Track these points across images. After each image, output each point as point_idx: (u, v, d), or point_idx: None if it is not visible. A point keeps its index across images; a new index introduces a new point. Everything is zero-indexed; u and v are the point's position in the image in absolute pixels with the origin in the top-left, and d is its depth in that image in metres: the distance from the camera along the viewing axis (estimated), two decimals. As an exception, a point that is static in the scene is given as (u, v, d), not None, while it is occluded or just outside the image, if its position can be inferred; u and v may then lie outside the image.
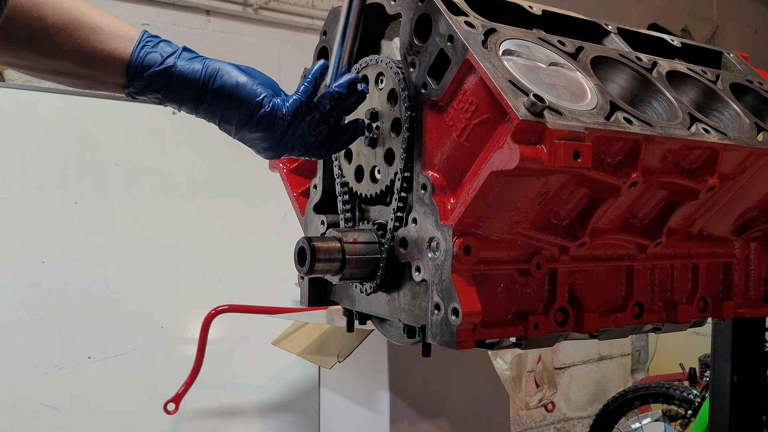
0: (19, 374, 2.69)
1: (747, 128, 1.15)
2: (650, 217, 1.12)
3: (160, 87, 0.95)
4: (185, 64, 0.95)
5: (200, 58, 0.97)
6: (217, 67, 0.96)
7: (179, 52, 0.96)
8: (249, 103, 0.95)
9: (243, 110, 0.96)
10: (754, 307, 1.30)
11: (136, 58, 0.94)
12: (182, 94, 0.96)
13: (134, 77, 0.95)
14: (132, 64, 0.94)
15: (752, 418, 1.66)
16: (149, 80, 0.95)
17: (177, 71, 0.95)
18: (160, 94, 0.96)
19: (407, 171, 1.02)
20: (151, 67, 0.94)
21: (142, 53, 0.94)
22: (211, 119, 0.99)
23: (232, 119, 0.97)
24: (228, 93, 0.95)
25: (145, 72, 0.94)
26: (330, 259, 1.03)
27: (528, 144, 0.85)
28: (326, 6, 3.39)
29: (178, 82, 0.95)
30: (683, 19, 5.18)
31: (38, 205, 2.76)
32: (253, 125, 0.96)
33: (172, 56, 0.95)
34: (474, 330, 0.93)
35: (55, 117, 2.82)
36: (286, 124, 0.97)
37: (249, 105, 0.95)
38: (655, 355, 4.74)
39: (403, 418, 2.36)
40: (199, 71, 0.95)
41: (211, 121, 0.99)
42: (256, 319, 2.92)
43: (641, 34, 1.30)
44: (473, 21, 0.97)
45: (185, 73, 0.95)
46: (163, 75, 0.95)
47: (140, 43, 0.95)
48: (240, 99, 0.95)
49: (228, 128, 0.99)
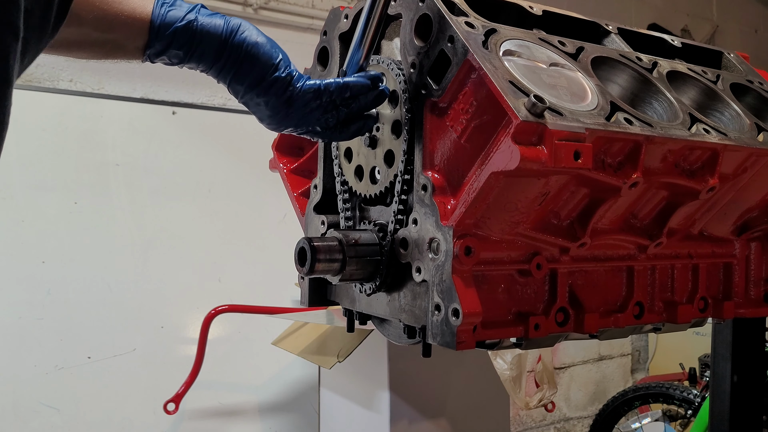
0: (19, 374, 2.69)
1: (747, 128, 1.15)
2: (650, 217, 1.12)
3: (183, 43, 0.94)
4: (207, 19, 0.94)
5: (219, 14, 0.96)
6: (239, 23, 0.95)
7: (198, 7, 0.96)
8: (265, 63, 0.94)
9: (257, 69, 0.95)
10: (754, 307, 1.30)
11: (158, 16, 0.93)
12: (204, 49, 0.94)
13: (157, 36, 0.93)
14: (155, 23, 0.93)
15: (752, 418, 1.66)
16: (172, 37, 0.93)
17: (199, 25, 0.94)
18: (182, 51, 0.95)
19: (407, 174, 1.02)
20: (173, 23, 0.93)
21: (163, 11, 0.93)
22: (223, 78, 0.97)
23: (245, 78, 0.95)
24: (246, 49, 0.94)
25: (168, 29, 0.93)
26: (330, 259, 1.03)
27: (528, 145, 0.84)
28: (326, 6, 3.39)
29: (200, 38, 0.94)
30: (683, 19, 5.18)
31: (38, 205, 2.76)
32: (264, 88, 0.95)
33: (192, 11, 0.95)
34: (474, 330, 0.93)
35: (55, 117, 2.82)
36: (295, 97, 0.96)
37: (265, 65, 0.94)
38: (655, 355, 4.74)
39: (403, 418, 2.36)
40: (221, 26, 0.94)
41: (221, 81, 0.98)
42: (256, 319, 2.92)
43: (641, 35, 1.30)
44: (474, 21, 0.97)
45: (208, 27, 0.94)
46: (186, 30, 0.93)
47: (159, 1, 0.94)
48: (257, 57, 0.94)
49: (237, 89, 0.98)
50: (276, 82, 0.95)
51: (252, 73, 0.95)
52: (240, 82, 0.96)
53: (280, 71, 0.95)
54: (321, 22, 1.53)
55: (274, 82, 0.95)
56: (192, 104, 3.07)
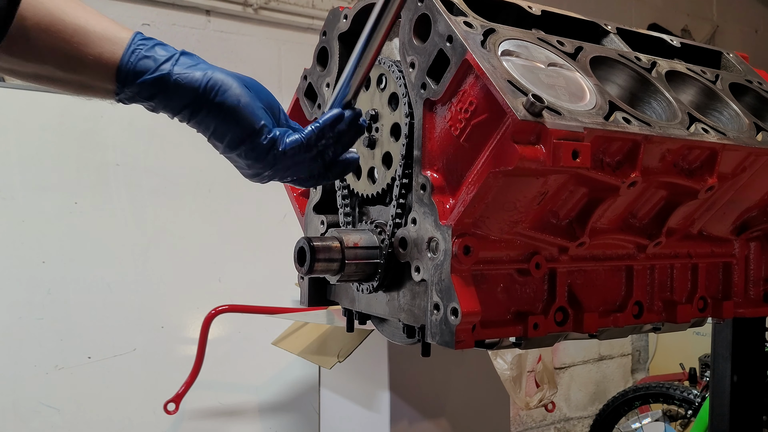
0: (19, 374, 2.69)
1: (746, 128, 1.15)
2: (649, 216, 1.12)
3: (153, 95, 0.88)
4: (183, 72, 0.87)
5: (200, 66, 0.89)
6: (219, 80, 0.88)
7: (177, 57, 0.88)
8: (246, 127, 0.88)
9: (237, 133, 0.89)
10: (753, 306, 1.30)
11: (127, 63, 0.86)
12: (177, 103, 0.88)
13: (125, 83, 0.87)
14: (122, 70, 0.86)
15: (752, 418, 1.66)
16: (141, 87, 0.87)
17: (173, 79, 0.87)
18: (153, 102, 0.89)
19: (405, 177, 1.02)
20: (143, 73, 0.86)
21: (133, 58, 0.86)
22: (202, 131, 0.92)
23: (224, 138, 0.90)
24: (226, 111, 0.88)
25: (138, 79, 0.86)
26: (330, 259, 1.03)
27: (527, 144, 0.85)
28: (326, 6, 3.39)
29: (174, 91, 0.87)
30: (683, 19, 5.18)
31: (38, 205, 2.76)
32: (244, 151, 0.90)
33: (168, 62, 0.87)
34: (473, 330, 0.93)
35: (55, 117, 2.82)
36: (279, 161, 0.91)
37: (245, 129, 0.88)
38: (655, 355, 4.74)
39: (403, 418, 2.36)
40: (199, 81, 0.87)
41: (201, 133, 0.93)
42: (256, 319, 2.92)
43: (641, 34, 1.30)
44: (472, 21, 0.98)
45: (182, 82, 0.87)
46: (158, 83, 0.87)
47: (131, 47, 0.87)
48: (237, 121, 0.88)
49: (216, 144, 0.92)
50: (257, 147, 0.89)
51: (231, 134, 0.89)
52: (219, 139, 0.90)
53: (261, 137, 0.89)
54: (321, 22, 1.54)
55: (254, 147, 0.89)
56: (192, 104, 3.06)
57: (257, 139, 0.89)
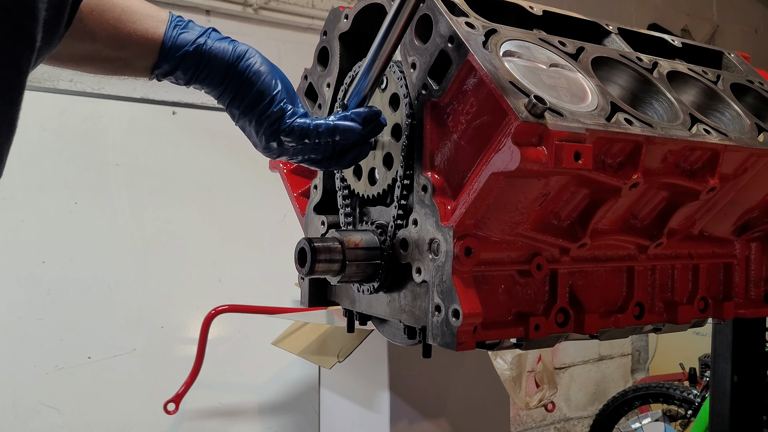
0: (19, 374, 2.69)
1: (748, 129, 1.15)
2: (651, 217, 1.12)
3: (190, 66, 0.96)
4: (216, 44, 0.96)
5: (229, 39, 0.98)
6: (245, 49, 0.97)
7: (210, 31, 0.98)
8: (261, 93, 0.96)
9: (252, 97, 0.96)
10: (754, 307, 1.30)
11: (170, 38, 0.95)
12: (209, 72, 0.97)
13: (166, 58, 0.96)
14: (165, 44, 0.95)
15: (752, 418, 1.66)
16: (181, 59, 0.96)
17: (208, 50, 0.96)
18: (189, 73, 0.97)
19: (407, 179, 1.01)
20: (184, 46, 0.95)
21: (175, 33, 0.95)
22: (223, 101, 0.99)
23: (240, 104, 0.97)
24: (247, 76, 0.96)
25: (178, 51, 0.95)
26: (330, 259, 1.02)
27: (529, 145, 0.84)
28: (326, 6, 3.39)
29: (207, 61, 0.96)
30: (683, 19, 5.18)
31: (38, 205, 2.76)
32: (255, 116, 0.97)
33: (203, 35, 0.97)
34: (474, 331, 0.93)
35: (55, 117, 2.82)
36: (284, 133, 0.97)
37: (260, 95, 0.96)
38: (655, 355, 4.74)
39: (403, 418, 2.36)
40: (228, 51, 0.96)
41: (221, 103, 1.00)
42: (256, 319, 2.92)
43: (642, 35, 1.29)
44: (474, 22, 0.97)
45: (215, 51, 0.96)
46: (195, 54, 0.96)
47: (172, 23, 0.96)
48: (254, 85, 0.96)
49: (233, 112, 0.99)
50: (266, 113, 0.97)
51: (246, 99, 0.97)
52: (236, 106, 0.98)
53: (273, 105, 0.96)
54: (321, 22, 1.54)
55: (264, 112, 0.97)
56: (192, 104, 3.07)
57: (270, 106, 0.96)
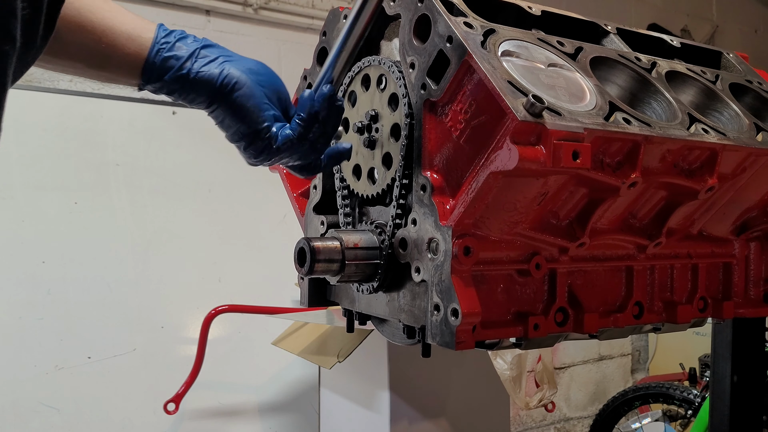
0: (19, 374, 2.69)
1: (746, 128, 1.15)
2: (649, 217, 1.12)
3: (175, 90, 0.96)
4: (203, 69, 0.94)
5: (218, 62, 0.95)
6: (234, 78, 0.95)
7: (197, 52, 0.95)
8: (249, 126, 0.96)
9: (242, 129, 0.96)
10: (753, 307, 1.30)
11: (152, 63, 0.93)
12: (195, 96, 0.96)
13: (149, 81, 0.95)
14: (147, 69, 0.93)
15: (752, 418, 1.66)
16: (164, 83, 0.95)
17: (192, 77, 0.94)
18: (174, 96, 0.97)
19: (406, 178, 1.02)
20: (166, 72, 0.94)
21: (158, 58, 0.93)
22: (213, 119, 1.00)
23: (229, 130, 0.98)
24: (235, 109, 0.95)
25: (162, 77, 0.94)
26: (330, 259, 1.03)
27: (527, 145, 0.85)
28: (326, 6, 3.39)
29: (192, 86, 0.94)
30: (683, 19, 5.18)
31: (38, 205, 2.76)
32: (243, 145, 0.98)
33: (188, 60, 0.94)
34: (474, 330, 0.93)
35: (55, 117, 2.82)
36: (273, 155, 0.99)
37: (249, 127, 0.96)
38: (655, 355, 4.74)
39: (403, 418, 2.36)
40: (215, 78, 0.94)
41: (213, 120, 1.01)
42: (256, 319, 2.92)
43: (641, 35, 1.30)
44: (472, 22, 0.97)
45: (201, 79, 0.94)
46: (179, 80, 0.94)
47: (155, 47, 0.93)
48: (243, 119, 0.96)
49: (224, 130, 1.00)
50: (255, 144, 0.97)
51: (234, 128, 0.97)
52: (225, 130, 0.99)
53: (261, 136, 0.96)
54: (321, 22, 1.54)
55: (253, 143, 0.97)
56: (192, 104, 3.06)
57: (256, 138, 0.97)
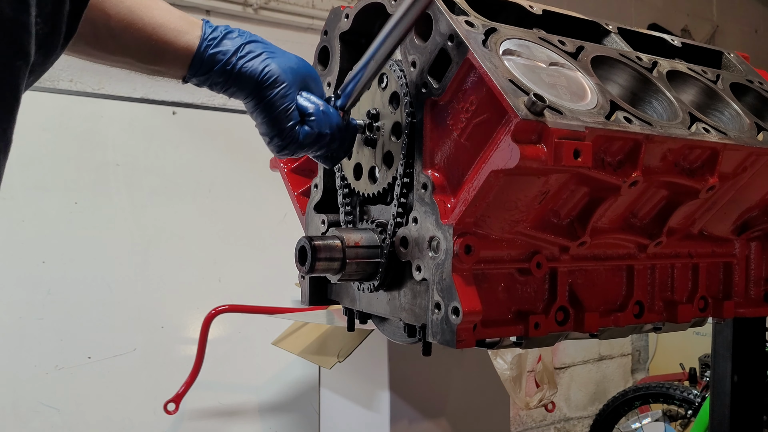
0: (19, 374, 2.69)
1: (747, 128, 1.15)
2: (650, 216, 1.12)
3: (218, 82, 1.00)
4: (246, 64, 0.99)
5: (261, 57, 0.99)
6: (274, 75, 0.99)
7: (242, 46, 0.99)
8: (278, 124, 1.00)
9: (270, 125, 1.00)
10: (754, 306, 1.30)
11: (200, 57, 0.98)
12: (236, 90, 1.00)
13: (196, 73, 1.00)
14: (195, 62, 0.99)
15: (752, 418, 1.66)
16: (210, 76, 1.00)
17: (236, 72, 0.99)
18: (217, 88, 1.02)
19: (407, 177, 1.02)
20: (213, 66, 0.98)
21: (206, 53, 0.98)
22: (247, 108, 1.03)
23: (259, 124, 1.02)
24: (269, 107, 0.99)
25: (208, 70, 0.99)
26: (330, 258, 1.03)
27: (528, 143, 0.85)
28: (326, 6, 3.39)
29: (234, 80, 0.99)
30: (683, 19, 5.18)
31: (38, 205, 2.76)
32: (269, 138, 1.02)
33: (234, 55, 0.99)
34: (474, 329, 0.93)
35: (55, 117, 2.82)
36: (298, 149, 1.03)
37: (277, 125, 1.00)
38: (655, 355, 4.74)
39: (403, 418, 2.36)
40: (257, 73, 0.98)
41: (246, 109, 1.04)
42: (256, 319, 2.92)
43: (641, 34, 1.30)
44: (474, 20, 0.97)
45: (244, 73, 0.99)
46: (224, 73, 0.99)
47: (203, 42, 0.99)
48: (274, 116, 1.00)
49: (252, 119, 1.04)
50: (281, 139, 1.01)
51: (264, 125, 1.01)
52: (254, 119, 1.03)
53: (285, 134, 1.00)
54: (321, 22, 1.54)
55: (280, 137, 1.01)
56: (192, 104, 3.07)
57: (283, 135, 1.01)
